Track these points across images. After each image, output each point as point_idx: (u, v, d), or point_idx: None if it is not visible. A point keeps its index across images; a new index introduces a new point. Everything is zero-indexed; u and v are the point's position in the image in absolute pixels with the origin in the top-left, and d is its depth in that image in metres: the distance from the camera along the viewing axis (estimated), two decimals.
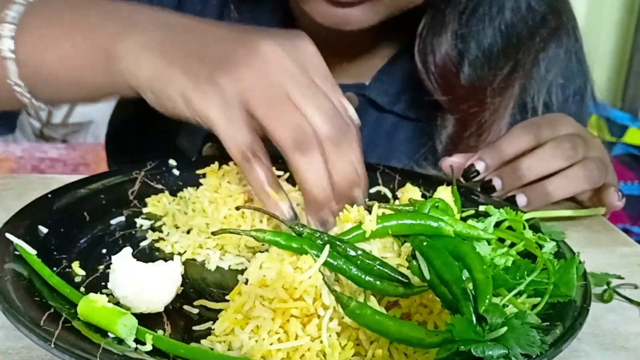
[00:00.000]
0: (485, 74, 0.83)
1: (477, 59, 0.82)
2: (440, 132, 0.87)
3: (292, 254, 0.48)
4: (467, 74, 0.83)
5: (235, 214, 0.62)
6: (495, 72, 0.83)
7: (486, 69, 0.83)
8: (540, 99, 0.86)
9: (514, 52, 0.83)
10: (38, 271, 0.52)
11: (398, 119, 0.91)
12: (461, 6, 0.81)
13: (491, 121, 0.84)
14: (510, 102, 0.84)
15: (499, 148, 0.73)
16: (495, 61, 0.83)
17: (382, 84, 0.90)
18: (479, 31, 0.82)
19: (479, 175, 0.72)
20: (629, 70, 2.46)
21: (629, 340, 0.53)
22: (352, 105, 0.61)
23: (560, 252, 0.58)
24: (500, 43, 0.82)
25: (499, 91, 0.83)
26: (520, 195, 0.71)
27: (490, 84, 0.83)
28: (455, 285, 0.44)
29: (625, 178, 2.10)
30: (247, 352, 0.45)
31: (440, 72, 0.83)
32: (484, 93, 0.83)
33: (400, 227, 0.54)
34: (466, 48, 0.82)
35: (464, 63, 0.83)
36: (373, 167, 0.77)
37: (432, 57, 0.83)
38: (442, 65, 0.83)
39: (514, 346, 0.40)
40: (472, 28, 0.82)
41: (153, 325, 0.48)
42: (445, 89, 0.84)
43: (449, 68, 0.83)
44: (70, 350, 0.42)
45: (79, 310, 0.47)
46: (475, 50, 0.82)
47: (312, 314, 0.45)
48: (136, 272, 0.50)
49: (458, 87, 0.84)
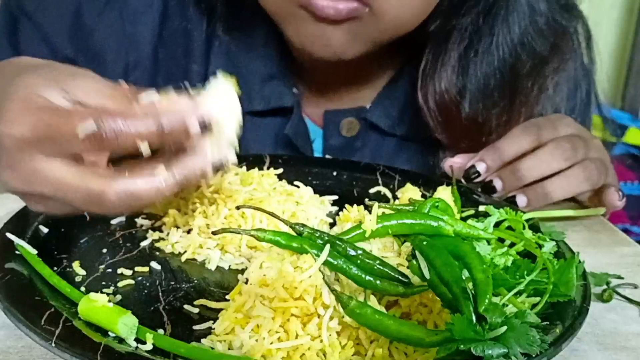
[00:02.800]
0: (486, 111, 0.82)
1: (476, 96, 0.81)
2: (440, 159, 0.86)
3: (293, 254, 0.48)
4: (467, 111, 0.82)
5: (235, 214, 0.62)
6: (495, 108, 0.82)
7: (487, 106, 0.82)
8: (549, 112, 0.86)
9: (514, 88, 0.82)
10: (39, 271, 0.52)
11: (399, 141, 0.90)
12: (462, 44, 0.80)
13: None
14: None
15: (499, 149, 0.73)
16: (495, 98, 0.82)
17: (383, 107, 0.89)
18: (478, 69, 0.80)
19: (480, 176, 0.73)
20: (629, 70, 2.46)
21: (629, 339, 0.53)
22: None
23: (560, 252, 0.58)
24: (499, 80, 0.81)
25: (502, 124, 0.82)
26: (520, 195, 0.72)
27: (490, 120, 0.82)
28: (455, 285, 0.44)
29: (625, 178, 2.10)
30: (248, 351, 0.45)
31: (440, 109, 0.82)
32: (484, 129, 0.82)
33: (400, 226, 0.54)
34: (465, 86, 0.81)
35: (464, 100, 0.81)
36: (373, 167, 0.78)
37: (432, 94, 0.82)
38: (441, 102, 0.82)
39: (513, 345, 0.41)
40: (471, 66, 0.81)
41: (154, 324, 0.48)
42: (446, 126, 0.83)
43: (448, 106, 0.82)
44: (71, 350, 0.42)
45: (80, 309, 0.47)
46: (475, 89, 0.81)
47: (312, 314, 0.45)
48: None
49: (458, 125, 0.83)
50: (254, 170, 0.68)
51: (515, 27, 0.79)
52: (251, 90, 0.85)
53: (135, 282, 0.55)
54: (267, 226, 0.61)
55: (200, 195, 0.65)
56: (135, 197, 0.47)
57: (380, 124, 0.89)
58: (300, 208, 0.66)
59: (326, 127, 0.89)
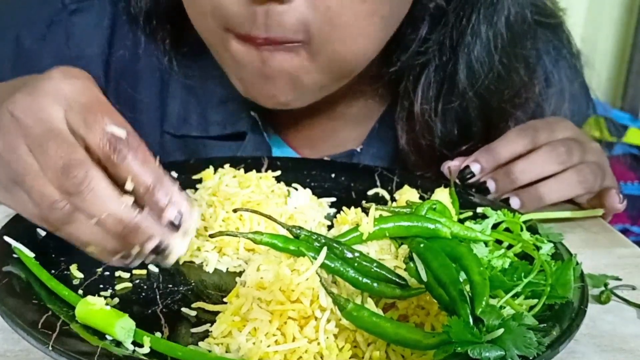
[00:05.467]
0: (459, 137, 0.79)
1: (450, 125, 0.78)
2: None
3: (290, 256, 0.48)
4: (440, 140, 0.78)
5: (233, 217, 0.62)
6: (470, 134, 0.79)
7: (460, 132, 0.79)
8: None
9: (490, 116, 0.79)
10: (36, 274, 0.52)
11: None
12: (435, 77, 0.76)
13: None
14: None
15: (494, 151, 0.73)
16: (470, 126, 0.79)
17: (373, 149, 0.85)
18: (452, 100, 0.77)
19: (474, 177, 0.73)
20: (629, 70, 2.46)
21: (627, 341, 0.53)
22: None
23: (557, 254, 0.58)
24: (474, 110, 0.78)
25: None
26: (514, 197, 0.72)
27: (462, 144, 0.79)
28: (452, 287, 0.44)
29: (625, 178, 2.10)
30: (245, 354, 0.45)
31: (415, 145, 0.80)
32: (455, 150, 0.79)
33: (397, 229, 0.54)
34: (437, 121, 0.78)
35: (436, 130, 0.78)
36: (371, 169, 0.78)
37: (407, 126, 0.79)
38: (415, 137, 0.79)
39: (510, 347, 0.41)
40: (445, 97, 0.77)
41: (151, 327, 0.48)
42: (425, 162, 0.80)
43: (422, 141, 0.79)
44: (68, 353, 0.42)
45: (77, 312, 0.47)
46: (449, 118, 0.78)
47: (309, 316, 0.45)
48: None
49: (431, 154, 0.79)
50: (252, 173, 0.68)
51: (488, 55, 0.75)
52: (207, 115, 0.82)
53: (132, 285, 0.55)
54: (265, 229, 0.61)
55: (197, 197, 0.65)
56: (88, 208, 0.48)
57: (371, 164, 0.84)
58: (298, 210, 0.66)
59: None
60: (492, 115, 0.79)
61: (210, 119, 0.83)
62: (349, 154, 0.85)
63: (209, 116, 0.83)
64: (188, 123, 0.83)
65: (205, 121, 0.83)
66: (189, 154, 0.84)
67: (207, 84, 0.82)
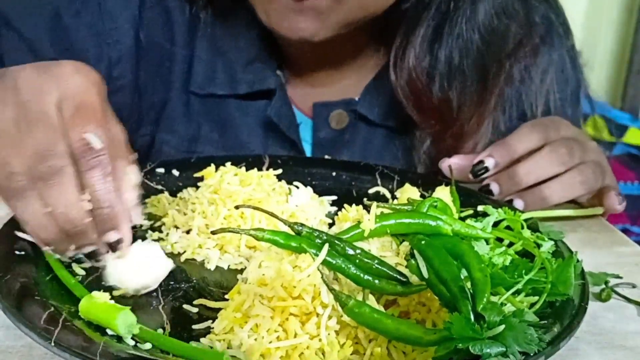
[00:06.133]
0: (454, 90, 0.82)
1: (444, 75, 0.81)
2: (418, 148, 0.87)
3: (291, 253, 0.48)
4: (437, 90, 0.82)
5: (234, 214, 0.62)
6: (464, 88, 0.82)
7: (455, 86, 0.82)
8: (539, 108, 0.86)
9: (482, 70, 0.82)
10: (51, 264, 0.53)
11: (388, 133, 0.90)
12: (432, 22, 0.80)
13: (467, 137, 0.83)
14: (486, 117, 0.83)
15: (509, 146, 0.73)
16: (463, 78, 0.81)
17: (371, 99, 0.89)
18: (445, 49, 0.80)
19: (488, 172, 0.72)
20: (629, 70, 2.46)
21: (627, 339, 0.53)
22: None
23: (558, 252, 0.58)
24: (467, 61, 0.81)
25: (471, 107, 0.82)
26: (518, 199, 0.72)
27: (460, 100, 0.82)
28: (453, 284, 0.45)
29: (625, 178, 2.10)
30: (247, 350, 0.45)
31: (411, 87, 0.82)
32: (454, 108, 0.82)
33: (398, 226, 0.54)
34: (434, 64, 0.81)
35: (433, 79, 0.81)
36: (372, 167, 0.78)
37: (403, 72, 0.82)
38: (411, 80, 0.82)
39: (511, 344, 0.41)
40: (439, 46, 0.80)
41: (153, 324, 0.48)
42: (416, 104, 0.83)
43: (417, 84, 0.82)
44: (71, 349, 0.42)
45: (81, 306, 0.47)
46: (442, 68, 0.81)
47: (311, 313, 0.45)
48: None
49: (428, 102, 0.83)
50: (253, 171, 0.68)
51: (483, 7, 0.79)
52: (235, 74, 0.86)
53: None
54: (266, 226, 0.61)
55: (199, 195, 0.65)
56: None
57: (369, 115, 0.89)
58: (299, 209, 0.66)
59: (315, 119, 0.89)
60: (487, 68, 0.82)
61: (238, 78, 0.86)
62: (348, 102, 0.89)
63: (237, 75, 0.86)
64: (214, 82, 0.87)
65: (232, 80, 0.86)
66: (212, 118, 0.88)
67: (237, 43, 0.86)
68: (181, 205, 0.67)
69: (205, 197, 0.64)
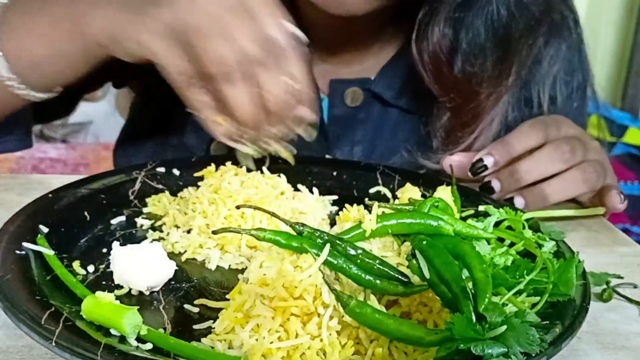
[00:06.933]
0: (477, 65, 0.83)
1: (468, 50, 0.83)
2: (435, 123, 0.88)
3: (292, 253, 0.48)
4: (459, 64, 0.83)
5: (235, 214, 0.62)
6: (486, 63, 0.83)
7: (478, 60, 0.83)
8: (546, 93, 0.87)
9: (506, 46, 0.83)
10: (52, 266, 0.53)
11: (401, 112, 0.92)
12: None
13: (484, 112, 0.84)
14: (505, 94, 0.84)
15: (508, 144, 0.72)
16: (487, 53, 0.83)
17: (387, 79, 0.92)
18: (471, 23, 0.82)
19: (487, 170, 0.72)
20: (629, 70, 2.46)
21: (629, 339, 0.53)
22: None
23: (559, 252, 0.58)
24: (492, 36, 0.83)
25: (491, 82, 0.83)
26: (519, 197, 0.72)
27: (481, 75, 0.83)
28: (454, 284, 0.44)
29: (625, 178, 2.10)
30: (248, 350, 0.45)
31: (433, 61, 0.84)
32: (475, 83, 0.84)
33: (400, 226, 0.54)
34: (458, 39, 0.83)
35: (456, 53, 0.83)
36: (373, 167, 0.78)
37: (426, 45, 0.84)
38: (434, 54, 0.84)
39: (513, 344, 0.40)
40: (464, 20, 0.82)
41: (154, 324, 0.48)
42: (438, 78, 0.85)
43: (441, 57, 0.84)
44: (71, 349, 0.42)
45: (83, 307, 0.47)
46: (467, 42, 0.83)
47: (312, 313, 0.45)
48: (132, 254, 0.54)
49: (449, 77, 0.84)
50: (254, 172, 0.68)
51: None
52: None
53: None
54: (267, 226, 0.61)
55: (200, 195, 0.65)
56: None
57: (383, 94, 0.91)
58: (300, 208, 0.66)
59: (331, 95, 0.91)
60: (511, 44, 0.83)
61: None
62: (364, 80, 0.92)
63: None
64: None
65: None
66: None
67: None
68: (182, 205, 0.67)
69: (205, 196, 0.64)
